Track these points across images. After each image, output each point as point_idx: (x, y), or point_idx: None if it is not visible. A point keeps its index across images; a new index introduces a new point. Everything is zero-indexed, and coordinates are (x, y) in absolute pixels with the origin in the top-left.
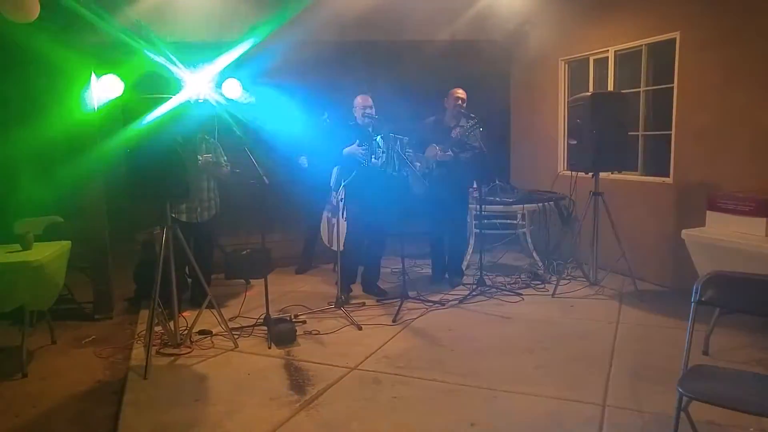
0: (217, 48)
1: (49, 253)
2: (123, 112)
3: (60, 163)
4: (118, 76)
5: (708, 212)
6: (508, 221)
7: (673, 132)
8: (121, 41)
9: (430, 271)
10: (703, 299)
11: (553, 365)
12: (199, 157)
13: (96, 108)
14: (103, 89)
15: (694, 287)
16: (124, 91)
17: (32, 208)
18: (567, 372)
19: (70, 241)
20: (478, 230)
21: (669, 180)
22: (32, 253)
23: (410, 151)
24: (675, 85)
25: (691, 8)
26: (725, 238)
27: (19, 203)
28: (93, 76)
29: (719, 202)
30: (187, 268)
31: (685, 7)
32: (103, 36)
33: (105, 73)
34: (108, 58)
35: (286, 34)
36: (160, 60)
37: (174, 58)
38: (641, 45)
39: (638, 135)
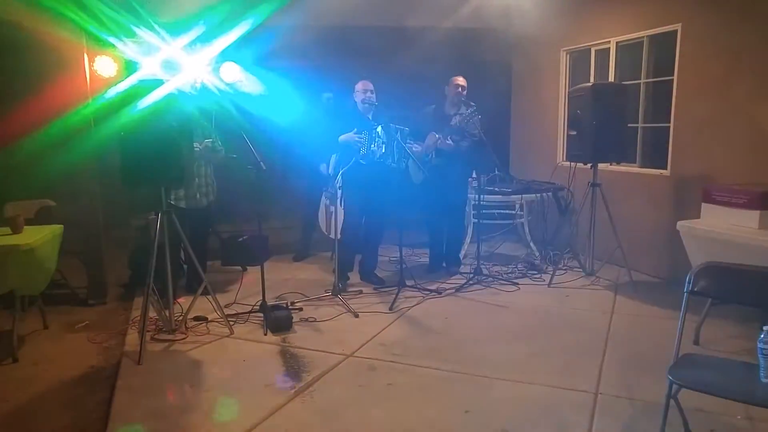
0: (215, 30)
1: (40, 237)
2: (118, 96)
3: (53, 146)
4: (113, 57)
5: (703, 204)
6: (507, 211)
7: (671, 124)
8: (116, 20)
9: (427, 259)
10: (695, 289)
11: (547, 354)
12: (197, 144)
13: (89, 90)
14: (97, 70)
15: (687, 277)
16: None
17: (25, 192)
18: (561, 360)
19: (62, 225)
20: (476, 220)
21: (666, 172)
22: (22, 236)
23: (410, 141)
24: (675, 77)
25: (693, 0)
26: (719, 230)
27: (11, 186)
28: (86, 56)
29: (714, 195)
30: (182, 254)
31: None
32: (97, 15)
33: (99, 54)
34: (102, 39)
35: (286, 18)
36: (156, 41)
37: (170, 39)
38: (643, 36)
39: (637, 127)
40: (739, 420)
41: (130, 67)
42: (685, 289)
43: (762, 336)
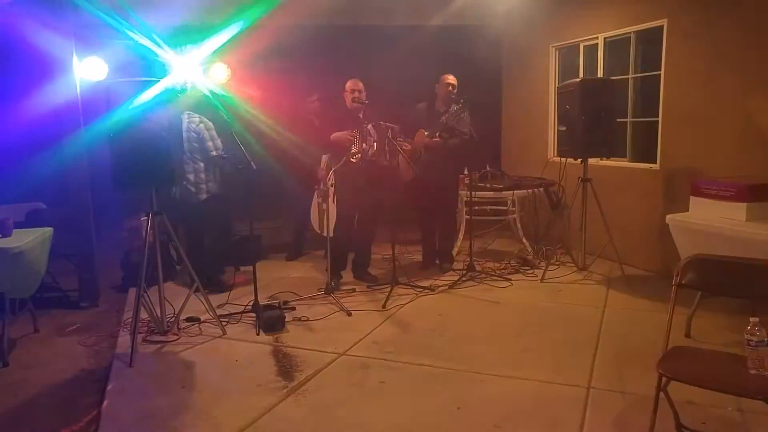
0: (204, 31)
1: (30, 240)
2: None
3: (42, 147)
4: (102, 58)
5: (692, 198)
6: (499, 207)
7: (660, 119)
8: (105, 22)
9: (420, 257)
10: (683, 282)
11: (540, 349)
12: (216, 153)
13: (79, 91)
14: (86, 72)
15: (675, 270)
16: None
17: (14, 194)
18: (554, 355)
19: (51, 228)
20: (468, 216)
21: (656, 166)
22: (12, 239)
23: (401, 138)
24: (662, 72)
25: None
26: (708, 222)
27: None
28: (75, 58)
29: (702, 188)
30: (175, 254)
31: None
32: (86, 17)
33: (88, 56)
34: (91, 40)
35: (276, 18)
36: (146, 43)
37: (159, 41)
38: (630, 32)
39: (626, 122)
40: (730, 412)
41: (120, 67)
42: (673, 282)
43: (749, 328)
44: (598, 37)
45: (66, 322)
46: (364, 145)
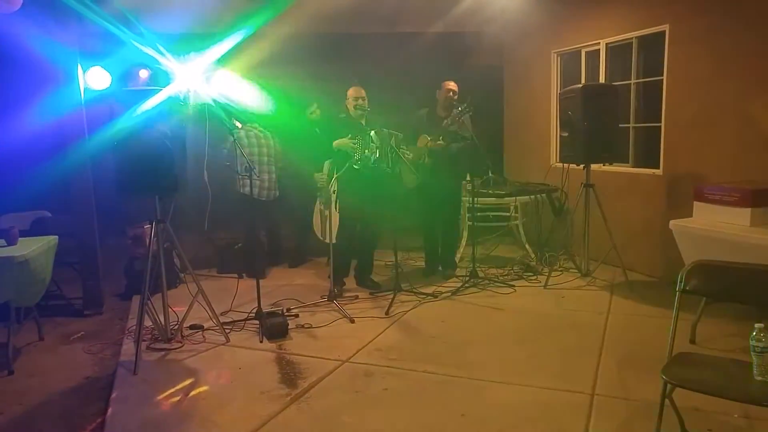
0: (206, 40)
1: (35, 248)
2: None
3: (47, 156)
4: (105, 68)
5: (695, 203)
6: (501, 213)
7: (662, 124)
8: (109, 32)
9: (423, 263)
10: (687, 288)
11: (543, 355)
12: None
13: (83, 100)
14: (91, 81)
15: (679, 276)
16: (111, 83)
17: (19, 203)
18: (557, 362)
19: (56, 236)
20: (471, 222)
21: (659, 171)
22: (17, 248)
23: (404, 147)
24: (664, 77)
25: (680, 2)
26: (711, 228)
27: (5, 198)
28: (79, 68)
29: (706, 193)
30: (177, 259)
31: (674, 1)
32: (89, 27)
33: (92, 65)
34: (95, 50)
35: (277, 26)
36: (148, 51)
37: (163, 50)
38: (632, 38)
39: (629, 127)
40: (736, 418)
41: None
42: (677, 288)
43: (754, 333)
44: (599, 43)
45: (70, 330)
46: (366, 151)
